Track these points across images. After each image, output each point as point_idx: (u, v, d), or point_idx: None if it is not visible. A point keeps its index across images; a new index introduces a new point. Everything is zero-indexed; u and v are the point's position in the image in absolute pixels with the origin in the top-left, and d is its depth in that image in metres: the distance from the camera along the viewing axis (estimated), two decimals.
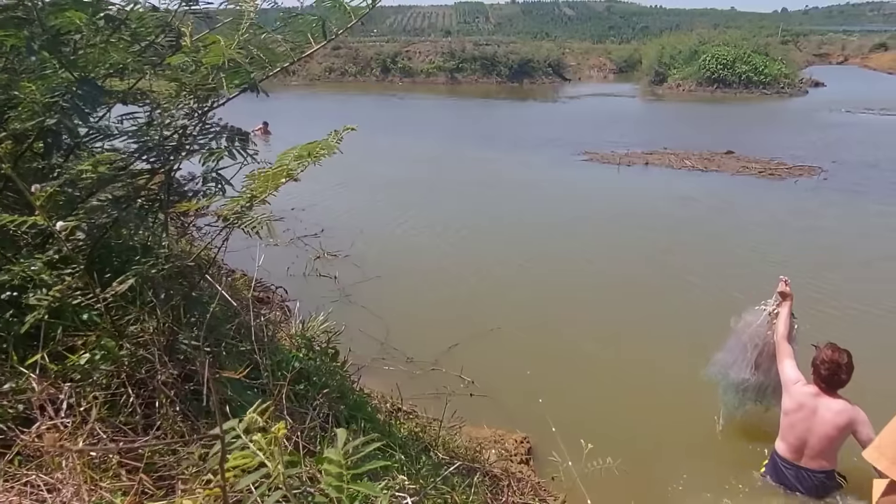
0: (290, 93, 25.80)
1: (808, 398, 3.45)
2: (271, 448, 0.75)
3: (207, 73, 1.85)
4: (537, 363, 4.96)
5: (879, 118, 20.66)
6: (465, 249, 7.84)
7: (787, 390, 3.57)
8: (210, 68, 1.83)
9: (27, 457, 1.20)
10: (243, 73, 1.91)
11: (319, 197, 9.11)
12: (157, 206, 2.00)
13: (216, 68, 1.82)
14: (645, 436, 4.10)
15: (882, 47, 53.85)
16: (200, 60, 1.84)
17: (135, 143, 1.96)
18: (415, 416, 3.66)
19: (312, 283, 6.57)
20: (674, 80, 30.89)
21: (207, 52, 1.79)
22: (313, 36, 1.76)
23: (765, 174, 12.22)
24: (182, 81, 1.91)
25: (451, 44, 37.04)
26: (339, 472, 0.79)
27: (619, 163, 13.13)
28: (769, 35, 42.54)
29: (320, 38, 1.76)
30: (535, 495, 3.07)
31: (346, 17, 1.76)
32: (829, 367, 3.37)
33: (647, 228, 8.68)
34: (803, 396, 3.47)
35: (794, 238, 8.37)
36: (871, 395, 3.67)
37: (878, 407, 3.41)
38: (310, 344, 3.04)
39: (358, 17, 1.81)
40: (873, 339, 5.25)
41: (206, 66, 1.83)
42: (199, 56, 1.84)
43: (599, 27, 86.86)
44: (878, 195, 10.67)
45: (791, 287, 3.85)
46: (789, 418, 3.52)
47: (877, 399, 3.83)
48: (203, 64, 1.82)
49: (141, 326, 1.68)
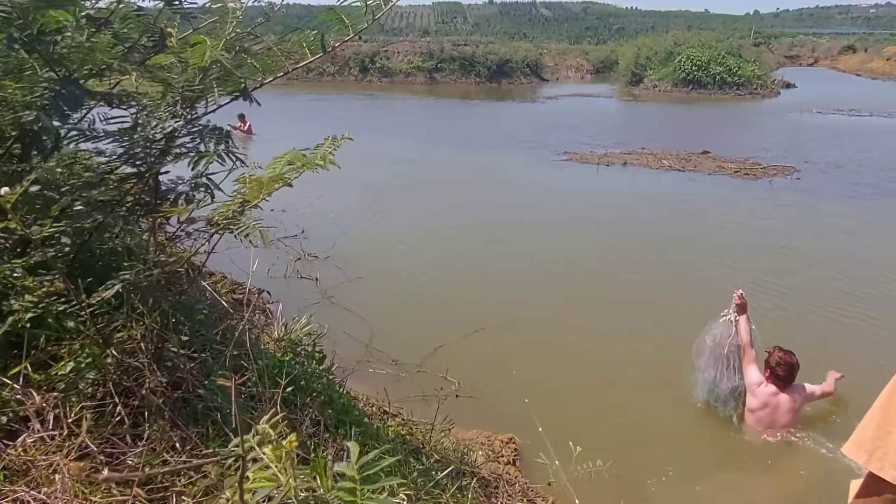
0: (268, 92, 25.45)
1: (770, 398, 4.08)
2: (284, 462, 0.74)
3: (194, 74, 1.81)
4: (523, 363, 4.98)
5: (849, 119, 21.17)
6: (448, 250, 7.83)
7: (752, 392, 4.13)
8: (197, 70, 1.79)
9: (14, 471, 1.16)
10: (234, 80, 1.87)
11: (299, 198, 9.01)
12: (144, 210, 1.96)
13: (202, 70, 1.79)
14: (631, 434, 4.14)
15: (850, 49, 55.18)
16: (186, 60, 1.80)
17: (120, 147, 1.92)
18: (402, 419, 3.64)
19: (293, 284, 6.50)
20: (650, 80, 31.24)
21: (192, 52, 1.75)
22: (311, 49, 1.74)
23: (740, 174, 12.43)
24: (168, 83, 1.87)
25: (429, 44, 36.99)
26: (352, 487, 0.77)
27: (598, 163, 13.24)
28: (742, 37, 43.32)
29: (318, 52, 1.74)
30: (525, 497, 3.08)
31: (344, 30, 1.74)
32: (784, 368, 4.04)
33: (630, 229, 8.77)
34: (766, 396, 4.09)
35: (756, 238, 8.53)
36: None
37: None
38: (296, 348, 3.00)
39: (355, 32, 1.80)
40: (832, 341, 5.47)
41: (194, 68, 1.79)
42: (185, 55, 1.80)
43: (576, 28, 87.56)
44: (842, 195, 10.95)
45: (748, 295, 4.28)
46: (756, 415, 4.14)
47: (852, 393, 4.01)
48: (189, 65, 1.78)
49: (128, 333, 1.64)
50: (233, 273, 5.47)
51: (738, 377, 4.19)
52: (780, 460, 4.01)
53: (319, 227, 8.40)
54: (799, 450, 4.03)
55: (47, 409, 1.36)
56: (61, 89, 1.66)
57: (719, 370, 4.19)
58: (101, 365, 1.57)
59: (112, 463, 1.29)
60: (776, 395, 4.06)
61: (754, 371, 4.14)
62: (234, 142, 2.02)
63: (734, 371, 4.19)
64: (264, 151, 1.92)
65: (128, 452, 1.34)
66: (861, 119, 21.09)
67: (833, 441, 3.87)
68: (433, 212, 9.45)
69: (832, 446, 3.86)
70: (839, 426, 4.15)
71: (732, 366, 4.19)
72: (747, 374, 4.16)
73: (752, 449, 4.15)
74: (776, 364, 4.04)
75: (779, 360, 4.04)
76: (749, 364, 4.16)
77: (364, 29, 1.87)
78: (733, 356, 4.20)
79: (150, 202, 1.94)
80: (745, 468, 3.97)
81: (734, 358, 4.20)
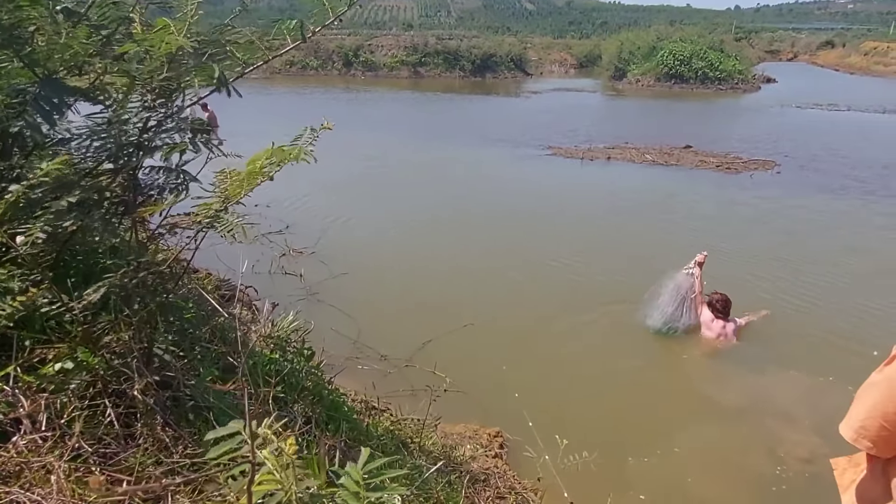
0: (249, 86, 25.22)
1: (719, 326, 5.48)
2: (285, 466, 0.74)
3: (161, 63, 1.74)
4: (510, 358, 5.02)
5: (827, 113, 21.51)
6: (433, 245, 7.84)
7: (707, 325, 5.51)
8: (162, 58, 1.72)
9: (7, 473, 1.15)
10: (208, 70, 1.81)
11: (283, 193, 8.96)
12: (123, 209, 1.92)
13: (168, 58, 1.72)
14: (616, 423, 4.22)
15: (829, 45, 55.91)
16: (150, 48, 1.72)
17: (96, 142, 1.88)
18: (391, 414, 3.65)
19: (278, 281, 6.47)
20: (633, 75, 31.43)
21: (153, 38, 1.68)
22: (291, 37, 1.73)
23: (722, 168, 12.58)
24: (132, 74, 1.80)
25: (413, 38, 36.82)
26: (356, 492, 0.78)
27: (583, 157, 13.32)
28: (723, 32, 43.73)
29: (297, 39, 1.73)
30: (513, 490, 3.11)
31: (324, 14, 1.73)
32: (722, 303, 5.49)
33: (618, 224, 8.84)
34: (717, 326, 5.48)
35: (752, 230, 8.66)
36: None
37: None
38: (284, 345, 3.00)
39: (336, 16, 1.79)
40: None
41: (160, 57, 1.72)
42: (148, 42, 1.72)
43: (560, 22, 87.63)
44: (819, 189, 11.15)
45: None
46: (711, 343, 5.46)
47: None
48: (154, 53, 1.70)
49: (116, 335, 1.63)
50: (217, 269, 5.44)
51: (694, 315, 5.53)
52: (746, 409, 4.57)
53: (304, 222, 8.37)
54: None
55: (38, 410, 1.35)
56: (41, 90, 1.62)
57: (679, 309, 5.49)
58: (90, 366, 1.56)
59: (105, 464, 1.29)
60: (723, 325, 5.47)
61: (706, 310, 5.54)
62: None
63: (690, 311, 5.52)
64: (242, 145, 1.90)
65: (120, 453, 1.34)
66: (839, 114, 21.43)
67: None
68: (420, 207, 9.45)
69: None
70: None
71: (689, 307, 5.53)
72: (703, 313, 5.54)
73: (716, 407, 4.61)
74: (716, 301, 5.49)
75: (720, 298, 5.50)
76: (701, 305, 5.56)
77: (343, 12, 1.84)
78: (690, 300, 5.52)
79: (128, 201, 1.90)
80: (715, 425, 4.37)
81: (690, 301, 5.53)
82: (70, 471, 1.20)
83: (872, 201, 10.38)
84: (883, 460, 1.56)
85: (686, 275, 5.54)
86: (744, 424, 4.38)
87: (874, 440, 1.49)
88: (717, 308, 5.45)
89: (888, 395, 1.45)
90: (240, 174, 1.85)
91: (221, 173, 1.89)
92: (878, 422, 1.47)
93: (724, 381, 4.99)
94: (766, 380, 4.92)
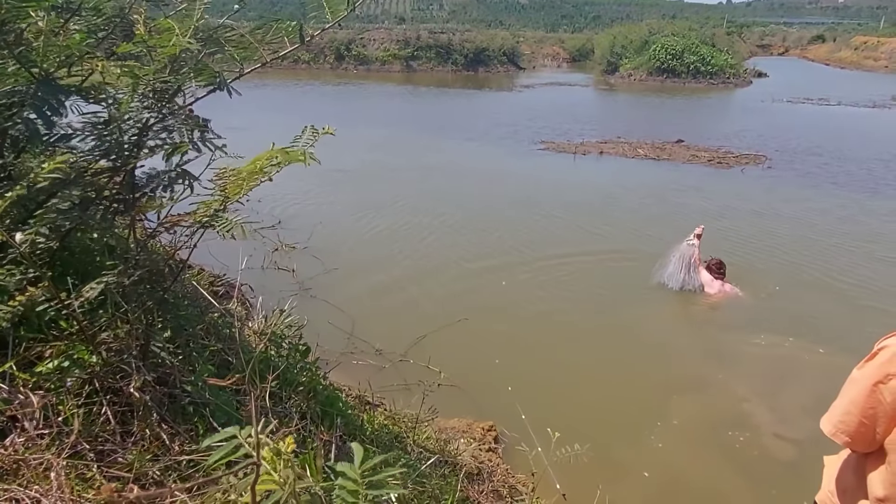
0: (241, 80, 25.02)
1: (718, 286, 6.56)
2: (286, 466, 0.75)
3: (165, 64, 1.76)
4: (504, 352, 5.04)
5: (818, 108, 21.63)
6: (426, 241, 7.85)
7: (709, 285, 6.56)
8: (166, 59, 1.73)
9: (5, 471, 1.16)
10: (209, 71, 1.83)
11: (275, 188, 8.89)
12: (122, 207, 1.93)
13: (172, 59, 1.73)
14: (608, 416, 4.26)
15: (820, 39, 56.13)
16: (154, 48, 1.73)
17: (94, 141, 1.88)
18: (385, 409, 3.67)
19: (271, 276, 6.47)
20: (626, 69, 31.45)
21: (160, 40, 1.69)
22: (289, 39, 1.73)
23: (713, 163, 12.64)
24: (135, 73, 1.81)
25: (406, 31, 36.65)
26: (354, 490, 0.79)
27: (575, 152, 13.34)
28: (715, 26, 43.75)
29: (296, 41, 1.73)
30: (506, 483, 3.14)
31: (323, 17, 1.74)
32: (719, 266, 6.65)
33: (613, 219, 8.87)
34: (717, 285, 6.57)
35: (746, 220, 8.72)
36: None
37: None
38: (280, 340, 3.00)
39: (336, 20, 1.79)
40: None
41: (163, 57, 1.73)
42: (153, 43, 1.73)
43: (552, 16, 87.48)
44: (810, 183, 11.23)
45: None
46: (714, 297, 6.49)
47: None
48: (158, 53, 1.72)
49: (113, 332, 1.64)
50: (211, 266, 5.43)
51: (695, 278, 6.56)
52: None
53: (296, 217, 8.36)
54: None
55: (35, 408, 1.35)
56: (37, 91, 1.62)
57: (682, 272, 6.55)
58: (87, 363, 1.57)
59: (103, 461, 1.30)
60: (721, 283, 6.60)
61: (705, 273, 6.64)
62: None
63: (692, 274, 6.56)
64: (232, 139, 1.90)
65: (118, 450, 1.34)
66: (829, 108, 21.56)
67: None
68: (412, 202, 9.44)
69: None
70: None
71: (692, 271, 6.57)
72: (703, 276, 6.61)
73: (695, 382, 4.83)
74: (714, 265, 6.66)
75: (716, 262, 6.68)
76: (701, 268, 6.64)
77: (344, 17, 1.85)
78: (692, 265, 6.58)
79: (126, 199, 1.90)
80: (705, 407, 4.54)
81: (693, 266, 6.58)
82: (69, 468, 1.21)
83: (862, 194, 10.48)
84: (859, 455, 1.60)
85: (688, 245, 6.64)
86: (733, 405, 4.53)
87: (852, 436, 1.53)
88: (715, 270, 6.60)
89: (867, 392, 1.49)
90: (240, 174, 1.85)
91: (221, 173, 1.89)
92: (857, 418, 1.51)
93: (715, 365, 5.10)
94: (755, 354, 5.30)
